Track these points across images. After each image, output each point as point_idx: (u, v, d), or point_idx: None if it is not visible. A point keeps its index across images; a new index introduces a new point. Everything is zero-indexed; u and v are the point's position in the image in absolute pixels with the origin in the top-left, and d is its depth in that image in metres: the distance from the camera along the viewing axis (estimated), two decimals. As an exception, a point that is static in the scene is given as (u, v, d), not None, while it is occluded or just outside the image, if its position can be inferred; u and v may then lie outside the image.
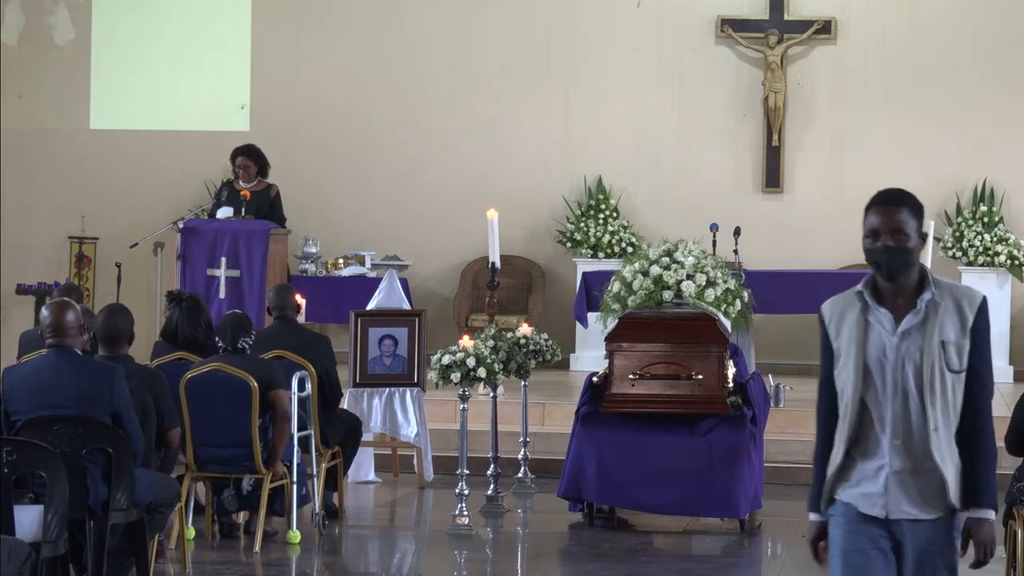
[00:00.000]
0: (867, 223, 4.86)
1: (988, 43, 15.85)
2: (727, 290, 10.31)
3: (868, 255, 4.86)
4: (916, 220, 4.84)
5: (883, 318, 4.85)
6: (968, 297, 4.87)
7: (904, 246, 4.80)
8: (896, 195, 4.86)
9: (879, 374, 4.86)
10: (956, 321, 4.84)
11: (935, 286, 4.86)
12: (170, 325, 9.83)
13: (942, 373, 4.83)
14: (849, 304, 4.93)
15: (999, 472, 11.76)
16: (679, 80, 16.16)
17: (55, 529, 6.94)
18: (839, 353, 4.91)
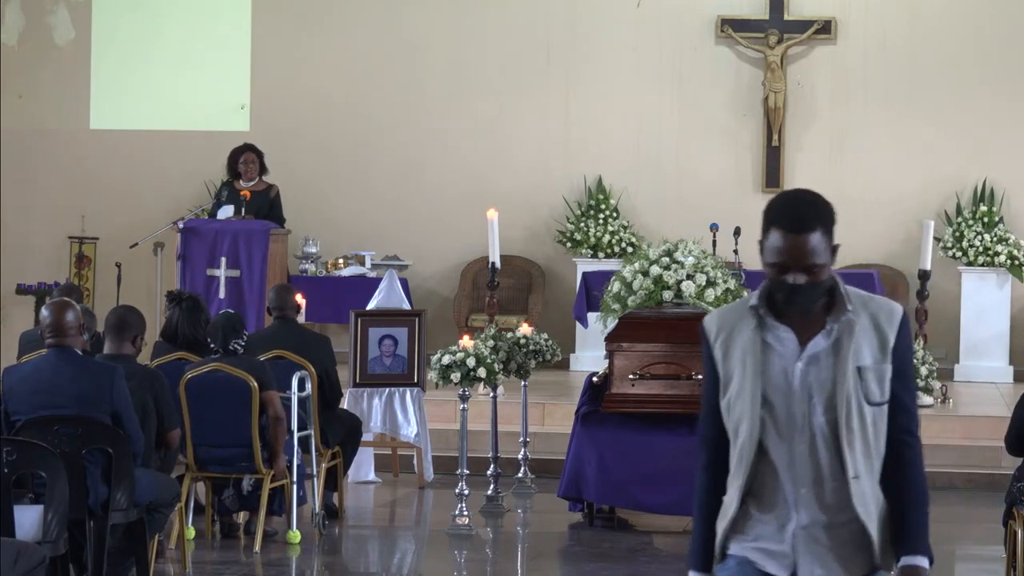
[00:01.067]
0: (770, 243, 4.02)
1: (988, 43, 15.85)
2: (727, 290, 10.30)
3: (772, 286, 4.03)
4: (828, 237, 3.99)
5: (785, 339, 4.02)
6: (886, 312, 4.04)
7: (816, 281, 3.97)
8: (806, 214, 3.97)
9: (782, 408, 4.01)
10: (874, 342, 4.01)
11: (848, 301, 4.01)
12: (170, 325, 9.84)
13: (860, 407, 3.99)
14: (740, 319, 4.08)
15: (999, 472, 11.85)
16: (679, 80, 16.16)
17: (55, 529, 6.94)
18: (728, 380, 4.06)
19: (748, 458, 4.03)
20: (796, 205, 4.01)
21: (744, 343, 4.04)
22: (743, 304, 4.11)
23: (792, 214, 3.99)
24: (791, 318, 4.03)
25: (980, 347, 15.31)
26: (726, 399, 4.07)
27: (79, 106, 16.70)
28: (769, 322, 4.04)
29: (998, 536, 8.66)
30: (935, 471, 12.04)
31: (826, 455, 4.00)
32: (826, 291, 4.01)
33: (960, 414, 13.04)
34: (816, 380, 4.00)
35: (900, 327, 4.05)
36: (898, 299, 15.27)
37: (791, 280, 3.97)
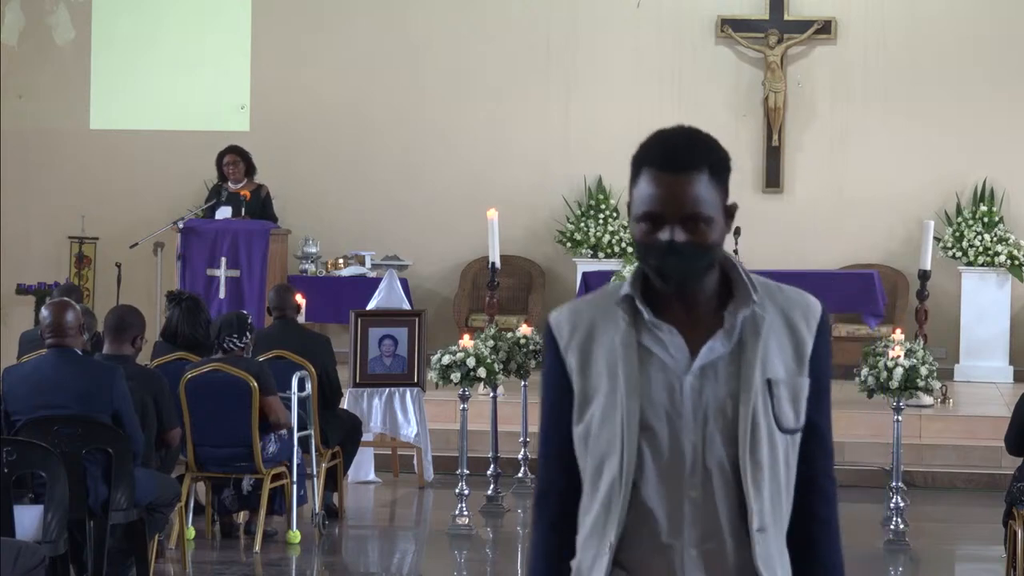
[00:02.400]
0: (639, 195, 2.98)
1: (988, 43, 15.85)
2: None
3: (641, 251, 3.00)
4: (719, 186, 2.99)
5: (669, 342, 2.99)
6: (802, 307, 3.06)
7: (704, 241, 2.96)
8: (688, 148, 2.98)
9: (666, 438, 2.97)
10: (787, 346, 3.03)
11: (753, 289, 3.02)
12: (170, 325, 9.84)
13: (770, 434, 2.97)
14: (605, 314, 3.04)
15: (999, 472, 11.85)
16: (679, 80, 16.15)
17: (55, 529, 6.94)
18: (587, 398, 3.01)
19: (618, 508, 2.96)
20: (675, 137, 2.99)
21: (612, 347, 3.00)
22: (609, 294, 3.06)
23: (669, 148, 2.97)
24: (675, 314, 3.00)
25: (980, 347, 15.30)
26: (583, 425, 3.00)
27: (79, 106, 16.70)
28: (647, 318, 2.99)
29: (998, 536, 8.66)
30: (935, 471, 12.05)
31: (725, 501, 2.96)
32: (721, 273, 3.03)
33: (960, 414, 13.04)
34: (713, 399, 2.97)
35: (820, 328, 3.05)
36: (898, 299, 15.28)
37: (665, 238, 2.94)
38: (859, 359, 10.29)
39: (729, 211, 3.02)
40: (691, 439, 2.97)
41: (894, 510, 9.77)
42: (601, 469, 3.00)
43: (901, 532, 9.74)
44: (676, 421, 2.97)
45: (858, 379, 9.97)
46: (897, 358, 9.85)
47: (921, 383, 9.83)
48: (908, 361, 9.84)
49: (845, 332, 15.17)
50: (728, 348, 2.99)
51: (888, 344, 10.12)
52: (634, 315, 3.01)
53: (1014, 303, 15.48)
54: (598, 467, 3.00)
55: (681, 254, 2.95)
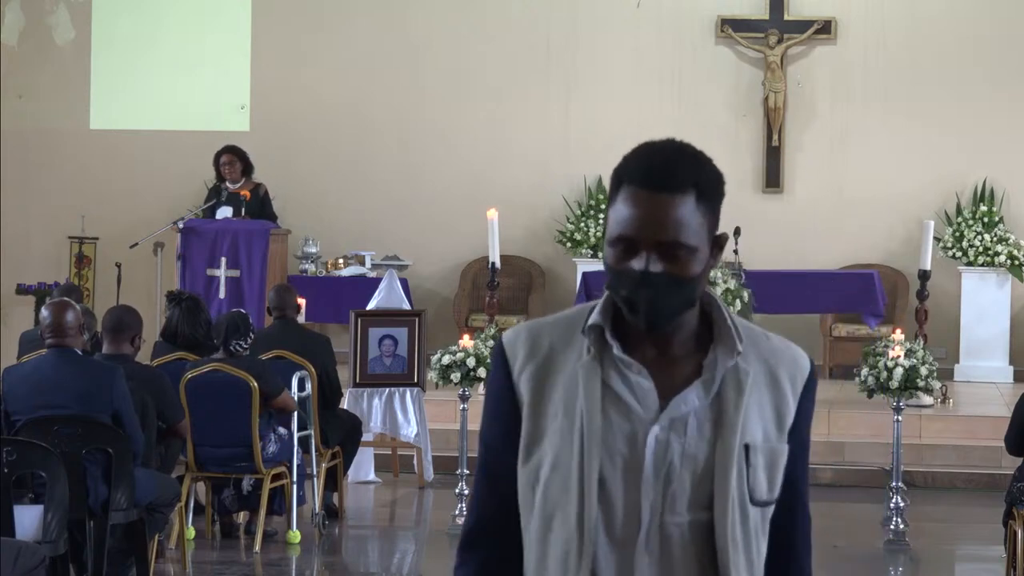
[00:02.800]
0: (614, 215, 2.63)
1: (988, 43, 15.84)
2: (727, 290, 10.31)
3: (612, 280, 2.64)
4: (707, 213, 2.63)
5: (637, 384, 2.62)
6: (789, 362, 2.71)
7: (683, 274, 2.60)
8: (675, 165, 2.61)
9: (620, 497, 2.60)
10: (769, 407, 2.67)
11: (739, 337, 2.66)
12: (170, 325, 9.84)
13: (743, 506, 2.62)
14: (567, 342, 2.67)
15: (999, 472, 11.85)
16: (679, 80, 16.15)
17: (55, 529, 6.94)
18: (536, 438, 2.64)
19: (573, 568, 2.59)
20: (661, 151, 2.63)
21: (572, 381, 2.62)
22: (574, 319, 2.68)
23: (652, 162, 2.61)
24: (645, 352, 2.63)
25: (980, 347, 15.30)
26: (529, 468, 2.63)
27: (79, 106, 16.70)
28: (616, 354, 2.62)
29: (998, 536, 8.66)
30: (935, 471, 12.05)
31: (684, 573, 2.61)
32: (701, 312, 2.67)
33: (960, 414, 13.04)
34: (679, 456, 2.60)
35: (806, 390, 2.71)
36: (898, 299, 15.27)
37: (638, 266, 2.58)
38: (859, 359, 10.29)
39: (717, 242, 2.64)
40: (649, 500, 2.59)
41: (894, 510, 9.77)
42: (551, 524, 2.61)
43: (901, 532, 9.74)
44: (634, 476, 2.58)
45: (858, 379, 9.97)
46: (897, 358, 9.85)
47: (921, 383, 9.84)
48: (908, 361, 9.84)
49: (845, 332, 15.18)
50: (704, 402, 2.61)
51: (888, 344, 10.12)
52: (601, 348, 2.62)
53: (1014, 303, 15.48)
54: (547, 521, 2.61)
55: (656, 287, 2.57)
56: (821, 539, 10.14)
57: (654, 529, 2.59)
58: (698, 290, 2.62)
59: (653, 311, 2.59)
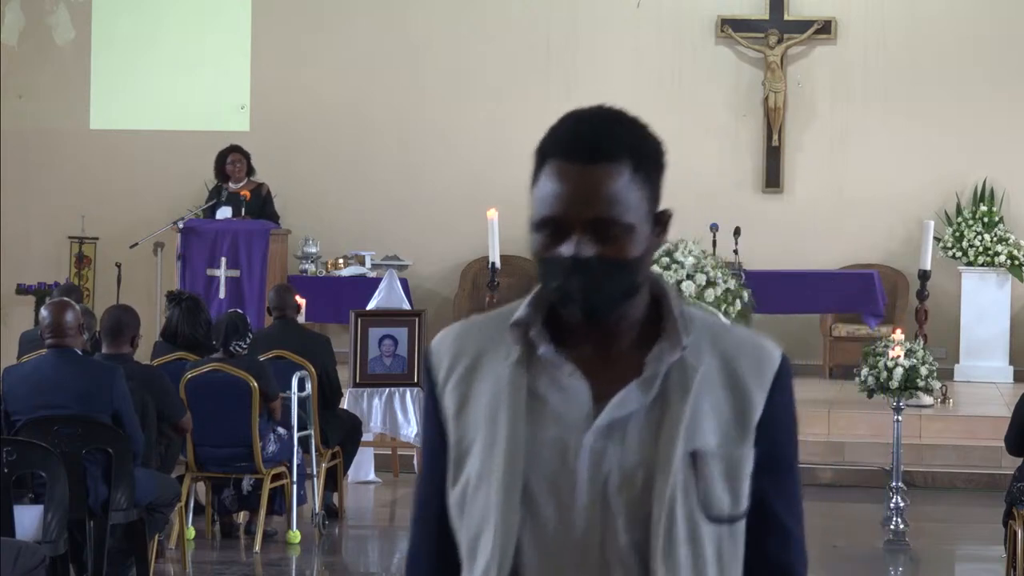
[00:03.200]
0: (538, 195, 2.31)
1: (988, 43, 15.84)
2: (727, 290, 10.31)
3: (540, 270, 2.33)
4: (646, 187, 2.30)
5: (569, 387, 2.31)
6: (752, 356, 2.35)
7: (620, 256, 2.28)
8: (603, 131, 2.30)
9: (552, 514, 2.29)
10: (727, 407, 2.32)
11: (685, 327, 2.33)
12: (170, 325, 9.84)
13: (692, 525, 2.27)
14: (495, 342, 2.36)
15: (999, 472, 11.84)
16: (679, 80, 16.15)
17: (55, 529, 6.94)
18: (462, 452, 2.34)
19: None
20: (591, 120, 2.31)
21: (496, 386, 2.32)
22: (506, 316, 2.35)
23: (581, 131, 2.29)
24: (583, 351, 2.32)
25: (980, 347, 15.30)
26: (458, 488, 2.34)
27: (79, 106, 16.70)
28: (544, 353, 2.32)
29: (998, 536, 8.66)
30: (935, 471, 12.05)
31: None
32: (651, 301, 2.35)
33: (960, 414, 13.04)
34: (618, 467, 2.27)
35: (777, 384, 2.33)
36: (898, 299, 15.27)
37: (568, 251, 2.26)
38: (859, 359, 10.30)
39: (660, 220, 2.32)
40: (584, 517, 2.26)
41: (894, 510, 9.77)
42: (476, 548, 2.31)
43: (901, 532, 9.74)
44: (567, 493, 2.26)
45: (858, 379, 9.98)
46: (897, 358, 9.85)
47: (921, 383, 9.84)
48: (908, 361, 9.84)
49: (845, 332, 15.18)
50: (644, 403, 2.28)
51: (888, 344, 10.13)
52: (530, 347, 2.31)
53: (1014, 303, 15.48)
54: (472, 544, 2.31)
55: (590, 273, 2.25)
56: (821, 539, 10.13)
57: (591, 555, 2.26)
58: (640, 274, 2.29)
59: (588, 302, 2.26)
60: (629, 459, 2.28)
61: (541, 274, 2.31)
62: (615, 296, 2.29)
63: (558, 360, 2.31)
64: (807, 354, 15.27)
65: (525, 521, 2.28)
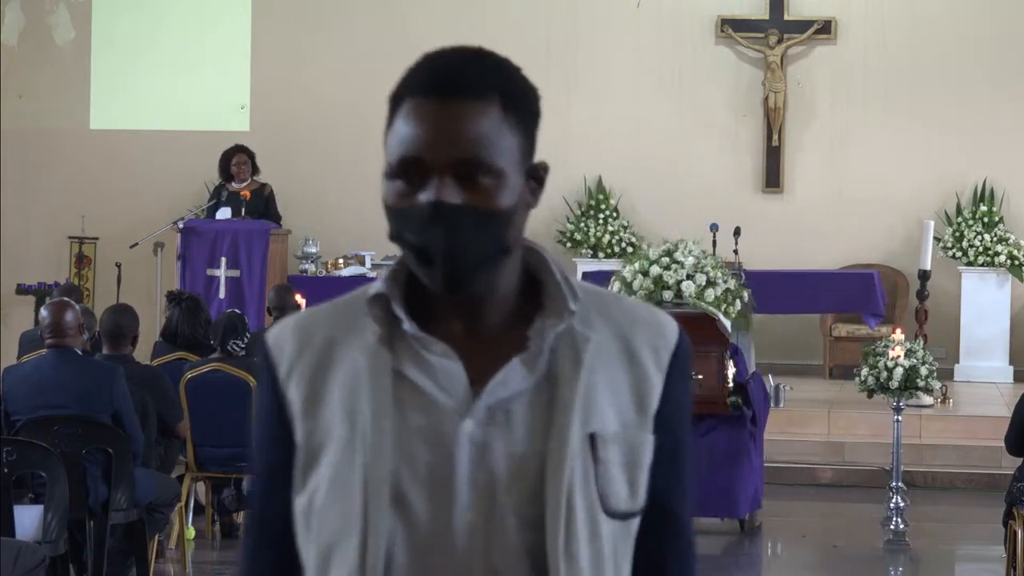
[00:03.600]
0: (393, 138, 2.01)
1: (988, 43, 15.85)
2: (727, 290, 10.30)
3: (396, 224, 2.01)
4: (518, 131, 2.02)
5: (440, 368, 2.01)
6: (649, 329, 2.07)
7: (489, 205, 1.99)
8: (469, 65, 2.02)
9: (427, 515, 1.98)
10: (625, 384, 2.04)
11: (572, 296, 2.04)
12: (170, 325, 9.84)
13: (591, 517, 1.99)
14: (349, 327, 2.04)
15: (999, 472, 11.85)
16: (679, 80, 16.15)
17: (55, 529, 6.95)
18: (313, 453, 2.01)
19: None
20: (455, 54, 2.03)
21: (354, 375, 2.00)
22: (358, 299, 2.06)
23: (445, 64, 2.01)
24: (453, 328, 2.02)
25: (980, 347, 15.30)
26: (306, 496, 2.00)
27: (79, 106, 16.70)
28: (408, 331, 2.01)
29: (998, 536, 8.66)
30: (935, 471, 12.05)
31: None
32: (527, 275, 2.06)
33: (960, 414, 13.04)
34: (505, 458, 1.98)
35: (674, 362, 2.06)
36: (898, 299, 15.28)
37: (427, 197, 1.96)
38: (859, 359, 10.30)
39: (535, 174, 2.05)
40: (467, 519, 1.96)
41: (894, 510, 9.77)
42: (328, 563, 1.98)
43: (901, 532, 9.74)
44: (444, 490, 1.96)
45: (858, 379, 9.98)
46: (897, 358, 9.85)
47: (921, 383, 9.84)
48: (908, 361, 9.85)
49: (845, 332, 15.18)
50: (531, 382, 1.99)
51: (888, 344, 10.13)
52: (391, 327, 2.01)
53: (1014, 303, 15.48)
54: (324, 559, 1.98)
55: (453, 222, 1.96)
56: (821, 539, 10.15)
57: (476, 561, 1.96)
58: (511, 231, 2.00)
59: (453, 258, 1.96)
60: (517, 448, 1.97)
61: (395, 229, 1.99)
62: (484, 254, 1.98)
63: (425, 339, 2.00)
64: (807, 354, 15.28)
65: (395, 528, 1.96)
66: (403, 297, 2.03)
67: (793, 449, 12.22)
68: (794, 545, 10.12)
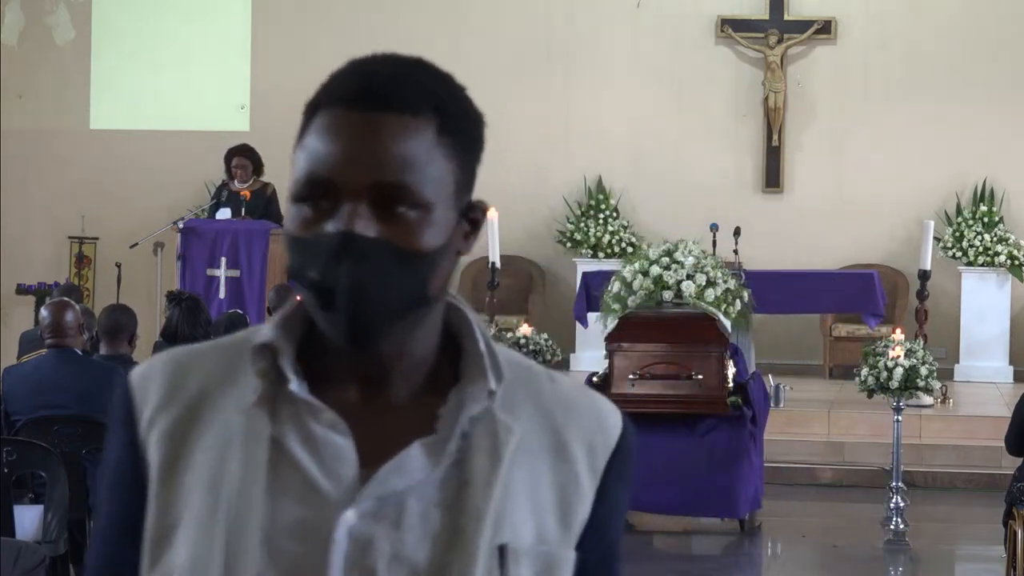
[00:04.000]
0: (302, 155, 1.70)
1: (988, 43, 15.85)
2: (727, 290, 10.30)
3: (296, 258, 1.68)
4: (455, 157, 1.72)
5: (326, 444, 1.67)
6: (586, 419, 1.74)
7: (410, 242, 1.66)
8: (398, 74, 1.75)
9: None
10: (550, 490, 1.70)
11: (495, 372, 1.70)
12: (170, 325, 9.83)
13: None
14: (226, 379, 1.71)
15: (999, 472, 11.86)
16: (679, 80, 16.15)
17: (55, 529, 6.95)
18: (166, 525, 1.68)
19: None
20: (384, 61, 1.76)
21: (225, 438, 1.68)
22: (234, 347, 1.73)
23: (372, 71, 1.73)
24: (350, 393, 1.69)
25: (980, 347, 15.30)
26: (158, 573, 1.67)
27: (79, 106, 16.70)
28: (296, 392, 1.67)
29: (998, 536, 8.66)
30: (935, 471, 12.05)
31: None
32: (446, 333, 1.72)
33: (960, 414, 13.04)
34: (388, 563, 1.64)
35: (613, 465, 1.72)
36: (898, 299, 15.28)
37: (335, 227, 1.64)
38: (859, 359, 10.30)
39: (471, 214, 1.71)
40: None
41: (894, 510, 9.77)
42: None
43: (901, 532, 9.74)
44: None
45: (858, 379, 9.98)
46: (897, 358, 9.85)
47: (921, 383, 9.84)
48: (908, 361, 9.85)
49: (845, 332, 15.18)
50: (434, 474, 1.65)
51: (888, 344, 10.13)
52: (277, 384, 1.67)
53: (1014, 303, 15.48)
54: None
55: (363, 258, 1.62)
56: (821, 539, 10.15)
57: None
58: (434, 279, 1.66)
59: (359, 303, 1.62)
60: (407, 552, 1.63)
61: (294, 263, 1.65)
62: (396, 301, 1.63)
63: (314, 403, 1.65)
64: (807, 354, 15.28)
65: None
66: (296, 349, 1.68)
67: (793, 449, 12.22)
68: (794, 545, 10.12)
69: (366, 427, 1.66)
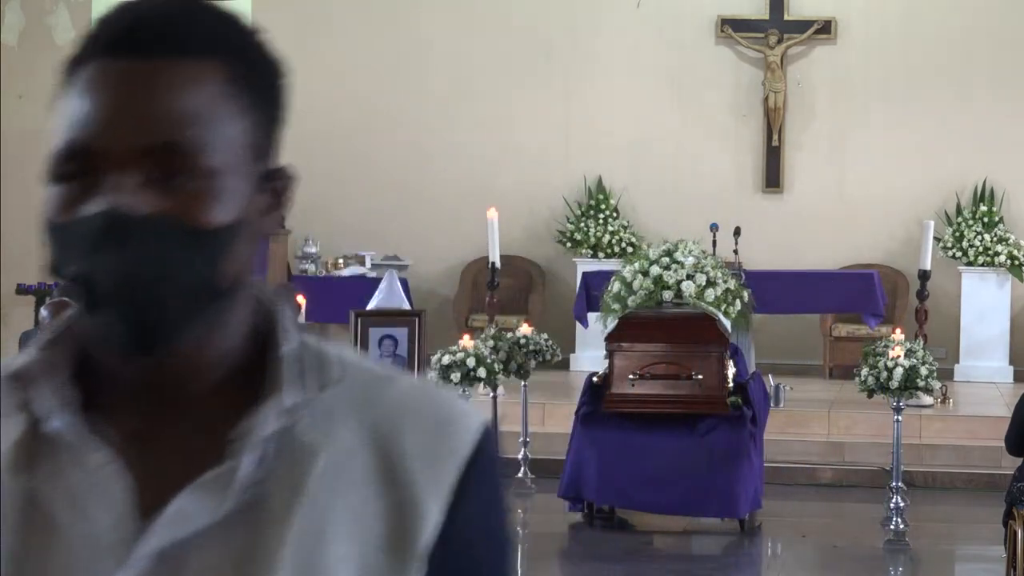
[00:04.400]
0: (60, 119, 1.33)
1: (988, 43, 15.85)
2: (727, 290, 10.31)
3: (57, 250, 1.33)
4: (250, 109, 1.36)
5: (92, 487, 1.32)
6: (427, 425, 1.37)
7: (199, 217, 1.31)
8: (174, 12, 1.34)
9: None
10: (374, 515, 1.34)
11: (301, 374, 1.36)
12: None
13: None
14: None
15: (999, 472, 11.86)
16: (679, 80, 16.15)
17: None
18: None
19: None
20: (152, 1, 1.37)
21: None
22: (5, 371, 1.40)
23: (143, 15, 1.35)
24: (129, 419, 1.36)
25: (980, 347, 15.30)
26: None
27: (79, 106, 16.70)
28: (62, 428, 1.35)
29: (998, 536, 8.66)
30: (935, 471, 12.06)
31: None
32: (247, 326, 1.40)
33: (960, 414, 13.05)
34: None
35: (466, 482, 1.38)
36: (898, 299, 15.29)
37: (98, 206, 1.30)
38: (859, 359, 10.30)
39: (273, 181, 1.40)
40: None
41: (894, 510, 9.77)
42: None
43: (901, 532, 9.74)
44: None
45: (858, 379, 9.98)
46: (897, 358, 9.85)
47: (921, 383, 9.85)
48: (908, 361, 9.85)
49: (845, 332, 15.18)
50: (220, 512, 1.33)
51: (888, 344, 10.14)
52: (36, 417, 1.37)
53: (1014, 303, 15.49)
54: None
55: (134, 241, 1.31)
56: (821, 539, 10.15)
57: None
58: (227, 263, 1.34)
59: (131, 300, 1.31)
60: None
61: (54, 256, 1.34)
62: (181, 293, 1.32)
63: (84, 440, 1.34)
64: (807, 354, 15.28)
65: None
66: (71, 373, 1.37)
67: (793, 449, 12.22)
68: (794, 545, 10.12)
69: (152, 461, 1.34)
